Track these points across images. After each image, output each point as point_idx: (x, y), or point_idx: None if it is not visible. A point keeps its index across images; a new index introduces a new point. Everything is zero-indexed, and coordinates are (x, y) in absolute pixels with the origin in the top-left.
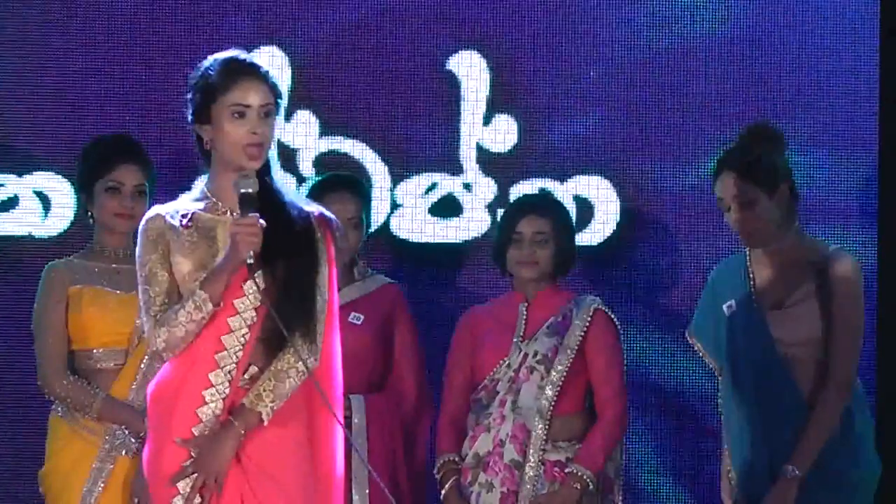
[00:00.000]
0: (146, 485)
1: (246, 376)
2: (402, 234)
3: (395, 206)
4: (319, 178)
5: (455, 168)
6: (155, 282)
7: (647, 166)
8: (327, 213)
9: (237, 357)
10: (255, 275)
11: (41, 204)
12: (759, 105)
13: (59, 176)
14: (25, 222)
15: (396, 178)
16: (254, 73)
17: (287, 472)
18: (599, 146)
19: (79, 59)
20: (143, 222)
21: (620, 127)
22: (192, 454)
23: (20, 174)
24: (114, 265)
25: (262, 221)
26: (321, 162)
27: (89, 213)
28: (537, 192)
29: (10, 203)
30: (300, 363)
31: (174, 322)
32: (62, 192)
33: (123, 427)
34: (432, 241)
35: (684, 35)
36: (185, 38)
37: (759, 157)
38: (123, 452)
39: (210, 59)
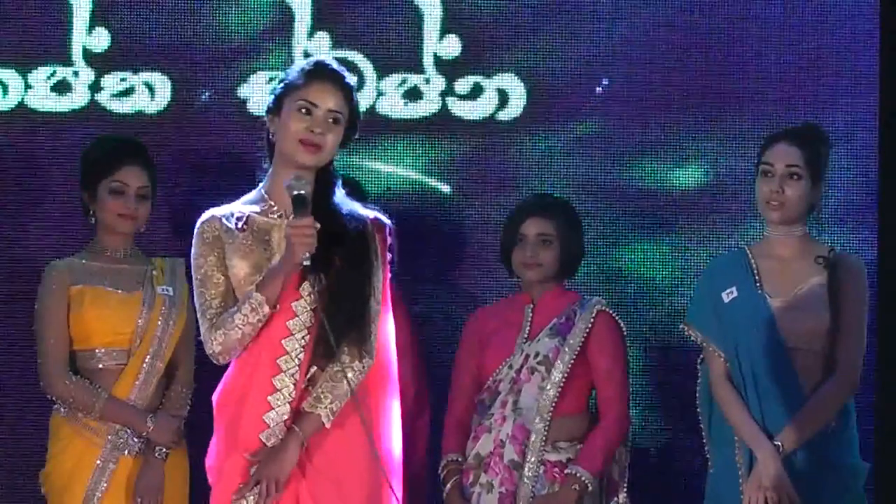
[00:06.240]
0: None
1: (308, 377)
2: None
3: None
4: None
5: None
6: (210, 284)
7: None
8: (382, 217)
9: (299, 360)
10: (310, 277)
11: None
12: (759, 105)
13: None
14: None
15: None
16: (335, 78)
17: (348, 476)
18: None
19: None
20: (198, 224)
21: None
22: (257, 463)
23: None
24: (115, 265)
25: (317, 224)
26: None
27: (91, 213)
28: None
29: None
30: (356, 362)
31: (230, 325)
32: None
33: (126, 427)
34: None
35: (684, 32)
36: None
37: (820, 144)
38: (126, 452)
39: (305, 60)
